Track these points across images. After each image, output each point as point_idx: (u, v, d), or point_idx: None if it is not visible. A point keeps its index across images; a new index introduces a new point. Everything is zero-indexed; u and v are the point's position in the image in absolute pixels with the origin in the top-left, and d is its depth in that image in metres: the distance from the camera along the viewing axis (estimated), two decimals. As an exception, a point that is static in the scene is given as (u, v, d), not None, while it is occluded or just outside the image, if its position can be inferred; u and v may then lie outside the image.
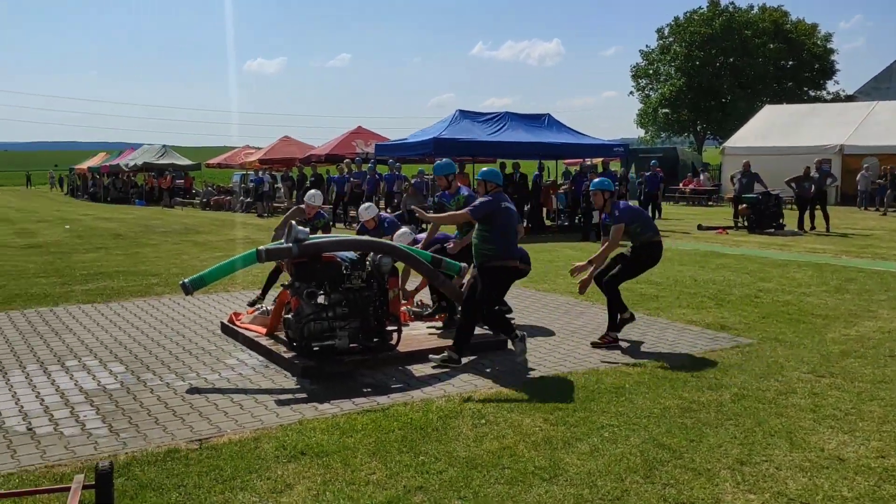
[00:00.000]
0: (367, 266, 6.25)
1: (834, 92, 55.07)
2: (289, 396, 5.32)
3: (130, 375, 5.81)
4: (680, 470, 4.01)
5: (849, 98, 48.15)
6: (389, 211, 18.10)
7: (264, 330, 6.75)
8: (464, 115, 18.73)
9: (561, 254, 13.27)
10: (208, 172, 40.62)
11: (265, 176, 26.75)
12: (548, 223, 19.57)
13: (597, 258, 6.74)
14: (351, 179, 21.01)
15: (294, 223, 6.14)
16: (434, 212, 9.04)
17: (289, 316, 6.16)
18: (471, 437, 4.47)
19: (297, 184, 24.50)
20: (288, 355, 6.06)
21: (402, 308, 7.49)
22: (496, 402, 5.12)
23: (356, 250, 6.31)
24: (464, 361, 6.11)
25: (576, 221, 18.18)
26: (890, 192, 24.37)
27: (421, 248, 7.18)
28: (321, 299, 6.05)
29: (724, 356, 6.32)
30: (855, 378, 5.66)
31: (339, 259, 6.17)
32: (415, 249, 6.91)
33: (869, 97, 39.14)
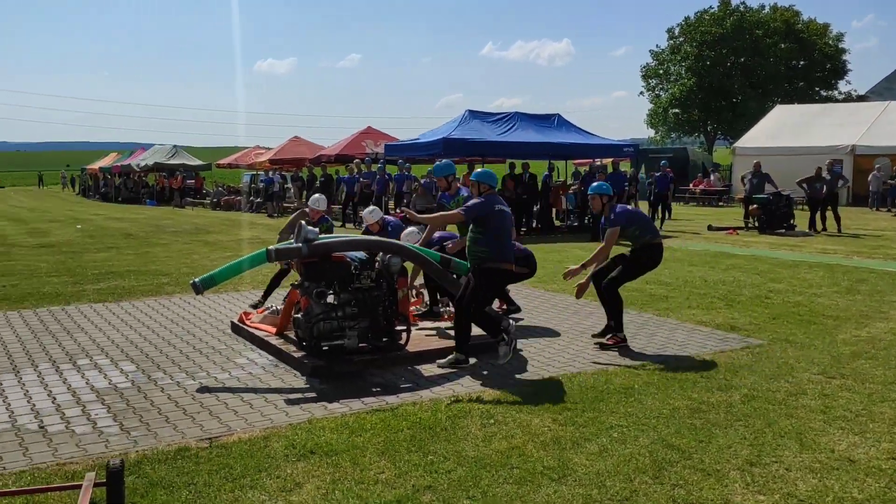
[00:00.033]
0: (377, 266, 6.28)
1: (846, 92, 54.78)
2: (298, 396, 5.34)
3: (141, 374, 5.85)
4: (689, 471, 4.01)
5: (860, 98, 47.87)
6: (399, 211, 18.10)
7: (274, 329, 6.78)
8: (473, 116, 18.71)
9: (570, 254, 13.25)
10: (219, 173, 40.77)
11: (275, 176, 26.84)
12: (557, 223, 19.55)
13: (590, 262, 6.67)
14: (361, 180, 21.05)
15: (304, 223, 6.16)
16: (435, 213, 9.02)
17: (298, 315, 6.18)
18: (480, 437, 4.47)
19: (307, 184, 24.57)
20: (297, 355, 6.09)
21: (412, 308, 7.51)
22: (505, 402, 5.12)
23: (365, 250, 6.33)
24: (472, 361, 6.12)
25: (585, 222, 18.16)
26: (901, 193, 24.26)
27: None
28: (331, 299, 6.07)
29: (734, 357, 6.30)
30: (866, 379, 5.64)
31: (349, 259, 6.19)
32: (424, 249, 6.91)
33: (881, 97, 38.88)
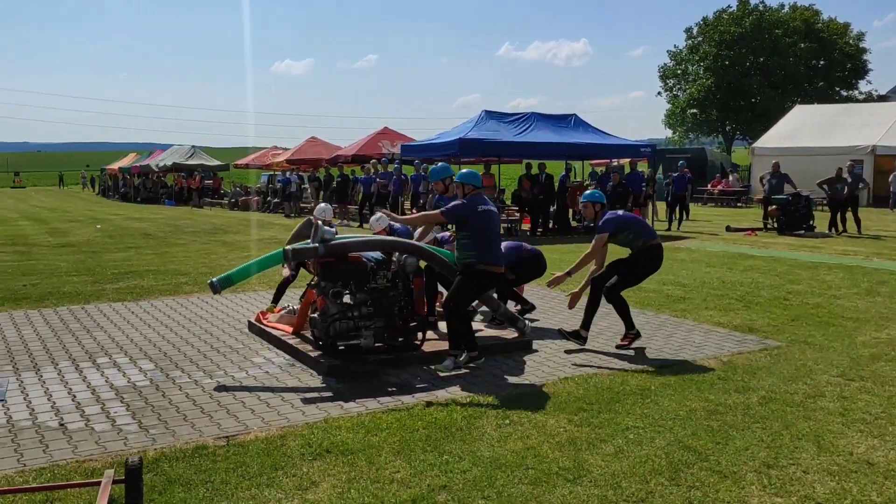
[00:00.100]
0: (393, 266, 6.30)
1: (866, 92, 54.23)
2: (314, 395, 5.36)
3: (160, 373, 5.90)
4: (706, 472, 3.99)
5: (881, 98, 47.41)
6: (415, 211, 18.10)
7: (291, 329, 6.82)
8: (490, 116, 18.69)
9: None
10: (236, 173, 41.02)
11: (292, 176, 26.96)
12: (574, 224, 19.50)
13: (575, 268, 6.65)
14: (377, 180, 21.11)
15: (320, 223, 6.19)
16: None
17: (315, 315, 6.21)
18: (495, 437, 4.48)
19: (324, 184, 24.66)
20: (314, 354, 6.11)
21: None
22: (520, 403, 5.11)
23: (381, 250, 6.35)
24: (485, 360, 6.12)
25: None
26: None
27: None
28: (347, 299, 6.09)
29: (752, 359, 6.26)
30: (885, 382, 5.58)
31: (365, 259, 6.22)
32: (439, 249, 6.92)
33: (902, 97, 38.50)
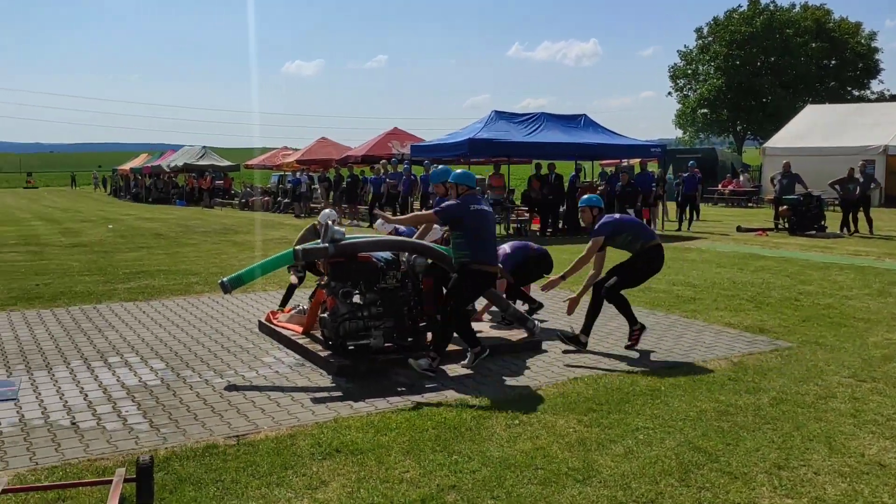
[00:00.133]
0: (402, 266, 6.30)
1: (878, 91, 53.95)
2: (324, 394, 5.38)
3: (170, 372, 5.93)
4: (716, 473, 3.97)
5: (893, 98, 47.09)
6: (425, 211, 18.06)
7: (301, 329, 6.83)
8: (499, 116, 18.68)
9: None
10: (247, 173, 41.14)
11: (303, 177, 27.03)
12: (583, 224, 19.45)
13: (569, 272, 6.65)
14: (387, 180, 21.14)
15: (330, 223, 6.21)
16: None
17: (324, 315, 6.22)
18: (504, 438, 4.48)
19: (334, 185, 24.72)
20: (323, 354, 6.13)
21: None
22: (530, 403, 5.11)
23: (391, 250, 6.36)
24: (489, 352, 6.10)
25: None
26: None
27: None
28: (356, 299, 6.10)
29: (763, 359, 6.23)
30: (898, 383, 5.55)
31: (375, 259, 6.23)
32: (449, 249, 6.91)
33: (915, 97, 38.25)
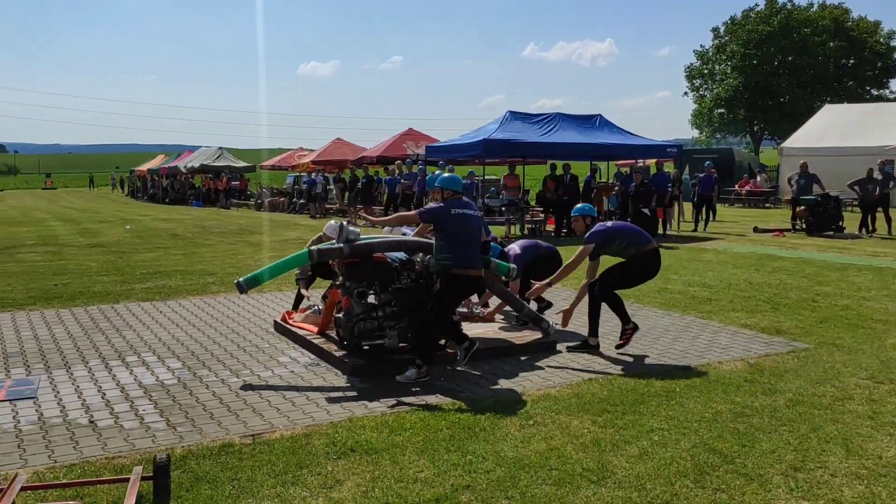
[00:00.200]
0: (417, 267, 6.31)
1: (898, 91, 53.43)
2: (339, 394, 5.40)
3: (187, 371, 5.97)
4: (731, 475, 3.96)
5: (913, 97, 46.60)
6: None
7: (316, 329, 6.86)
8: (514, 116, 18.66)
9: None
10: (262, 174, 41.30)
11: (318, 177, 27.13)
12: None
13: (556, 278, 6.69)
14: (402, 181, 21.18)
15: (345, 223, 6.23)
16: None
17: (339, 315, 6.25)
18: (518, 438, 4.48)
19: (349, 185, 24.79)
20: (338, 354, 6.15)
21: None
22: (544, 403, 5.11)
23: (406, 251, 6.37)
24: (477, 346, 6.00)
25: (627, 223, 17.98)
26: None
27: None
28: (371, 299, 6.12)
29: (779, 361, 6.20)
30: (916, 385, 5.50)
31: (389, 259, 6.25)
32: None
33: (935, 96, 37.84)
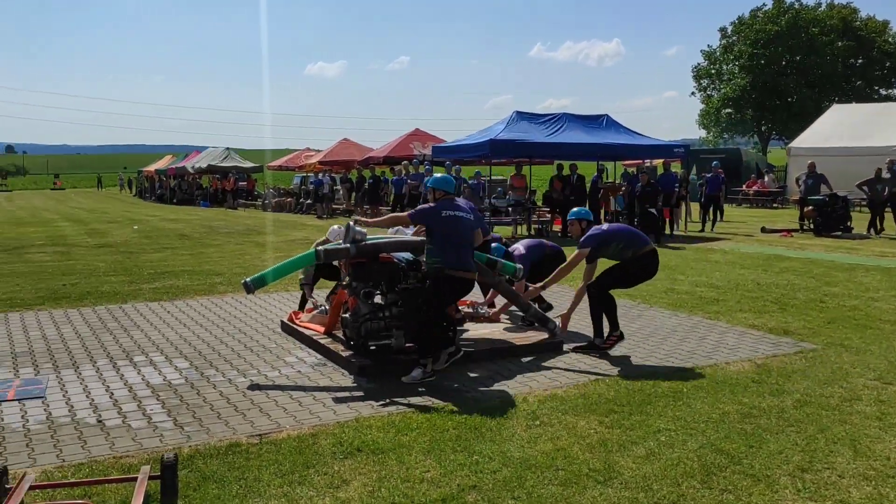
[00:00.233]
0: (423, 266, 6.31)
1: (906, 90, 53.14)
2: (346, 394, 5.41)
3: (194, 371, 5.99)
4: (738, 476, 3.95)
5: (922, 97, 46.36)
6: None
7: (323, 329, 6.87)
8: (521, 117, 18.63)
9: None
10: (267, 174, 41.36)
11: (325, 178, 27.18)
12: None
13: (549, 281, 6.72)
14: (408, 181, 21.19)
15: (351, 224, 6.24)
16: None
17: (346, 315, 6.26)
18: (525, 438, 4.48)
19: (356, 186, 24.82)
20: (345, 354, 6.16)
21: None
22: (551, 404, 5.11)
23: (412, 251, 6.38)
24: (463, 352, 6.00)
25: (634, 223, 17.95)
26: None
27: None
28: (378, 299, 6.13)
29: (787, 361, 6.18)
30: (925, 386, 5.47)
31: (396, 260, 6.25)
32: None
33: (944, 95, 37.62)
